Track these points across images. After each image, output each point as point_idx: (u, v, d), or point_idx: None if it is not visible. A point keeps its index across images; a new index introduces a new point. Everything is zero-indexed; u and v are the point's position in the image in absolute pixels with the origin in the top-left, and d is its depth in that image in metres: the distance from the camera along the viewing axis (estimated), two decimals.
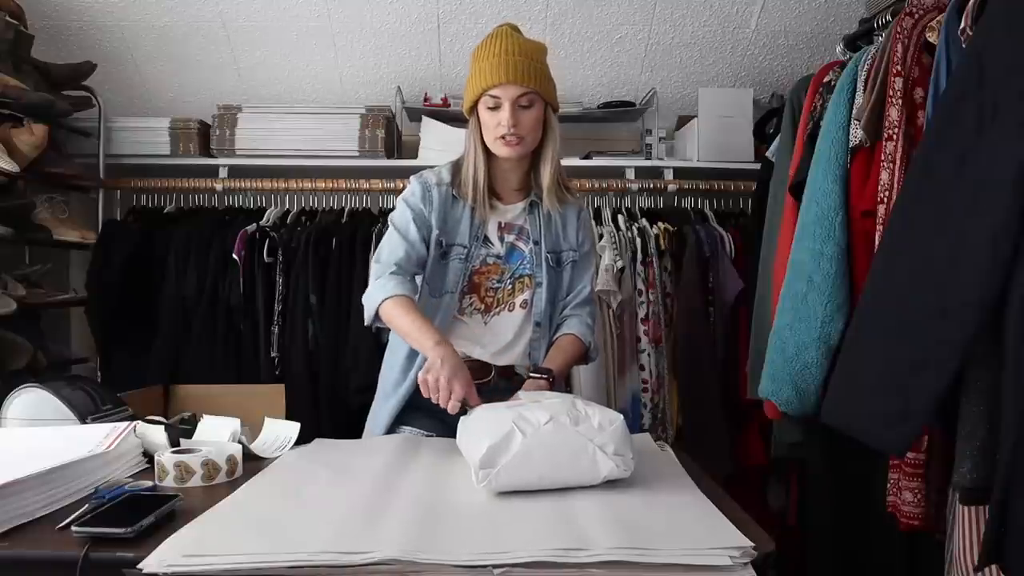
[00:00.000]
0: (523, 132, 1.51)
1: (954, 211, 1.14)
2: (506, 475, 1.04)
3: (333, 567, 0.81)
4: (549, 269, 1.59)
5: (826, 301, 1.59)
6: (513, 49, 1.50)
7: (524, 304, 1.58)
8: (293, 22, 2.71)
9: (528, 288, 1.59)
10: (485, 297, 1.58)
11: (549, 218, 1.61)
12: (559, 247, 1.62)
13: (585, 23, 2.74)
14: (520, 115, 1.50)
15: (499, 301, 1.58)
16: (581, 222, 1.66)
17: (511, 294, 1.58)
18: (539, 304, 1.58)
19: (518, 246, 1.60)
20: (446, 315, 1.54)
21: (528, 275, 1.59)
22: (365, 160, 2.69)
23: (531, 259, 1.59)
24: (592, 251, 1.72)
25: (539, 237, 1.59)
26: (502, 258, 1.58)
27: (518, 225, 1.60)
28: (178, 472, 1.14)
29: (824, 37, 2.76)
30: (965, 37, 1.31)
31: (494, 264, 1.58)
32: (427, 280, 1.56)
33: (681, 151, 2.88)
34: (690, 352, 2.43)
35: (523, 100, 1.49)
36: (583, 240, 1.66)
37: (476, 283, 1.57)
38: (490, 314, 1.58)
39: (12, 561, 0.88)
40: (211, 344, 2.46)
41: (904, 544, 1.63)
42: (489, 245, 1.58)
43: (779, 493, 2.41)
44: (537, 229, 1.60)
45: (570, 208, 1.65)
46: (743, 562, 0.83)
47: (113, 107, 2.79)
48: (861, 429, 1.26)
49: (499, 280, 1.58)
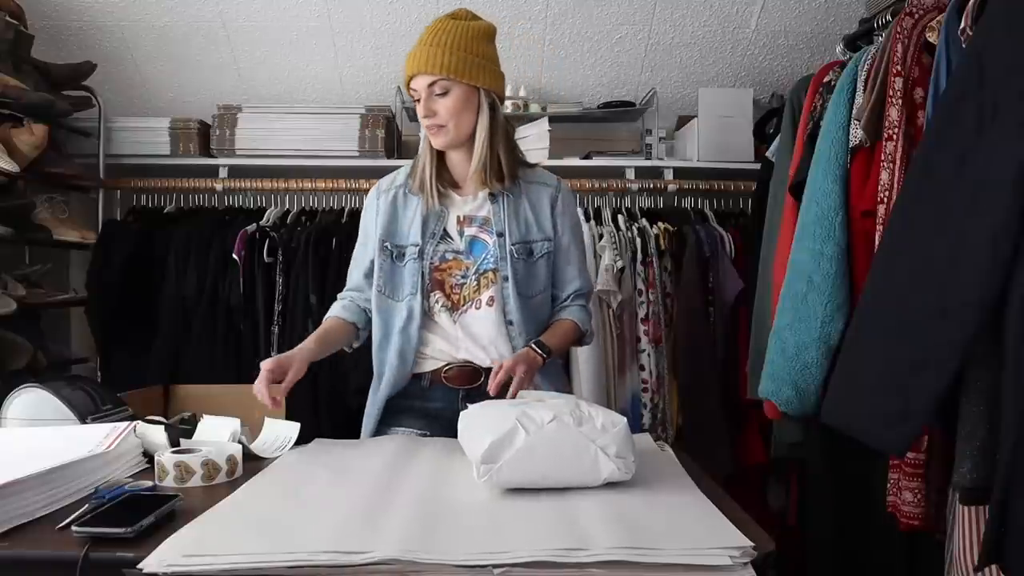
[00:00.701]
0: (441, 120, 1.48)
1: (954, 211, 1.14)
2: (508, 471, 1.04)
3: (333, 567, 0.81)
4: (516, 262, 1.51)
5: (826, 301, 1.59)
6: (430, 39, 1.47)
7: (491, 301, 1.51)
8: (293, 22, 2.71)
9: (494, 283, 1.51)
10: (451, 294, 1.53)
11: (518, 206, 1.54)
12: (530, 237, 1.54)
13: (585, 23, 2.74)
14: (435, 104, 1.47)
15: (465, 298, 1.53)
16: (558, 209, 1.57)
17: (476, 291, 1.52)
18: (508, 300, 1.51)
19: (481, 238, 1.53)
20: (411, 317, 1.51)
21: (492, 269, 1.52)
22: (365, 160, 2.69)
23: (495, 252, 1.52)
24: (576, 240, 1.61)
25: (504, 228, 1.52)
26: (463, 253, 1.53)
27: (480, 216, 1.54)
28: (178, 472, 1.14)
29: (824, 37, 2.76)
30: (965, 37, 1.31)
31: (454, 260, 1.53)
32: (384, 285, 1.54)
33: (681, 151, 2.88)
34: (690, 352, 2.43)
35: (436, 88, 1.46)
36: (562, 228, 1.58)
37: (439, 280, 1.52)
38: (458, 312, 1.52)
39: (12, 561, 0.88)
40: (211, 344, 2.46)
41: (904, 544, 1.63)
42: (448, 240, 1.53)
43: (779, 493, 2.41)
44: (502, 219, 1.52)
45: (541, 193, 1.57)
46: (743, 562, 0.82)
47: (113, 107, 2.79)
48: (861, 429, 1.26)
49: (463, 276, 1.52)
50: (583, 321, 1.60)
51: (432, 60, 1.45)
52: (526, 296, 1.53)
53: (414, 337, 1.52)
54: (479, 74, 1.48)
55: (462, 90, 1.47)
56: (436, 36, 1.47)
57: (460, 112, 1.48)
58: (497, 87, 1.52)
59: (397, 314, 1.53)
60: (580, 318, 1.59)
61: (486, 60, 1.50)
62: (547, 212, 1.56)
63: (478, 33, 1.49)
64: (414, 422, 1.54)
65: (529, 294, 1.54)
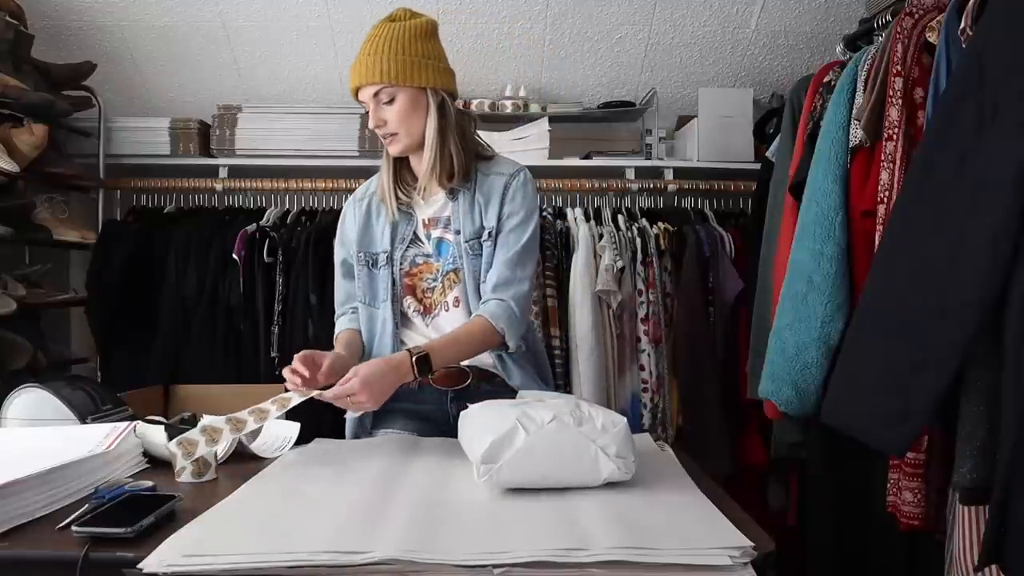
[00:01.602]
0: (392, 128, 1.46)
1: (954, 211, 1.14)
2: (508, 471, 1.04)
3: (333, 567, 0.81)
4: (472, 259, 1.48)
5: (826, 301, 1.59)
6: (369, 48, 1.44)
7: (456, 302, 1.50)
8: (293, 22, 2.71)
9: (457, 283, 1.50)
10: (423, 299, 1.53)
11: (473, 201, 1.50)
12: (479, 231, 1.49)
13: (585, 23, 2.74)
14: (383, 112, 1.45)
15: (435, 302, 1.52)
16: (507, 195, 1.49)
17: (443, 293, 1.52)
18: (472, 299, 1.48)
19: (445, 238, 1.52)
20: (384, 324, 1.52)
21: (454, 270, 1.50)
22: (365, 160, 2.69)
23: (454, 251, 1.50)
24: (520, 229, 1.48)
25: (460, 225, 1.49)
26: (432, 255, 1.52)
27: (444, 216, 1.52)
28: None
29: (824, 37, 2.76)
30: (965, 37, 1.31)
31: (424, 263, 1.52)
32: (364, 294, 1.55)
33: (681, 151, 2.88)
34: (690, 352, 2.43)
35: (383, 96, 1.45)
36: (507, 213, 1.48)
37: (410, 285, 1.53)
38: (430, 316, 1.53)
39: (12, 561, 0.88)
40: (211, 344, 2.46)
41: (904, 544, 1.63)
42: (419, 244, 1.53)
43: (779, 493, 2.41)
44: (458, 217, 1.49)
45: (495, 182, 1.51)
46: (743, 562, 0.82)
47: (113, 107, 2.79)
48: (861, 429, 1.26)
49: (434, 279, 1.52)
50: (497, 318, 1.42)
51: (372, 69, 1.43)
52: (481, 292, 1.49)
53: (390, 341, 1.52)
54: (422, 74, 1.44)
55: (408, 94, 1.44)
56: (375, 44, 1.44)
57: (409, 117, 1.45)
58: (444, 83, 1.48)
59: (377, 321, 1.54)
60: (496, 315, 1.43)
61: (428, 59, 1.46)
62: (496, 202, 1.49)
63: (417, 32, 1.46)
64: (403, 423, 1.53)
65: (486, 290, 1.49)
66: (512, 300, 1.45)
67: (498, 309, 1.43)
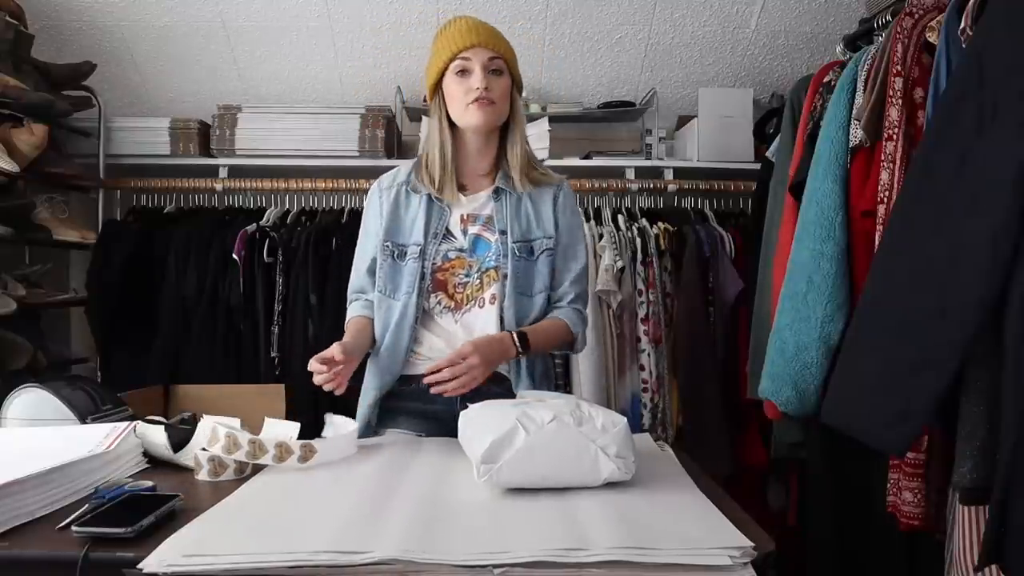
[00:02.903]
0: (494, 96, 1.47)
1: (954, 211, 1.14)
2: (508, 471, 1.04)
3: (333, 567, 0.81)
4: (517, 260, 1.50)
5: (826, 301, 1.59)
6: (477, 22, 1.51)
7: (493, 299, 1.50)
8: (293, 22, 2.71)
9: (496, 281, 1.51)
10: (454, 294, 1.52)
11: (519, 204, 1.53)
12: (530, 235, 1.53)
13: (585, 23, 2.74)
14: (491, 79, 1.47)
15: (468, 297, 1.52)
16: (559, 207, 1.56)
17: (479, 289, 1.51)
18: (508, 297, 1.49)
19: (484, 236, 1.52)
20: (404, 317, 1.50)
21: (494, 267, 1.51)
22: (365, 160, 2.69)
23: (497, 250, 1.51)
24: (577, 242, 1.59)
25: (506, 226, 1.51)
26: (466, 251, 1.52)
27: (483, 215, 1.53)
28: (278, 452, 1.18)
29: (824, 37, 2.76)
30: (965, 37, 1.31)
31: (458, 259, 1.52)
32: (385, 284, 1.53)
33: (681, 151, 2.88)
34: (690, 352, 2.43)
35: (493, 64, 1.48)
36: (563, 227, 1.56)
37: (441, 280, 1.51)
38: (460, 312, 1.52)
39: (12, 561, 0.88)
40: (211, 344, 2.46)
41: (904, 544, 1.63)
42: (451, 239, 1.53)
43: (779, 493, 2.41)
44: (504, 217, 1.52)
45: (544, 191, 1.56)
46: (743, 562, 0.83)
47: (113, 107, 2.79)
48: (861, 429, 1.26)
49: (467, 275, 1.51)
50: (575, 324, 1.55)
51: (495, 39, 1.50)
52: (525, 295, 1.52)
53: (406, 336, 1.50)
54: (518, 72, 1.54)
55: (510, 78, 1.51)
56: (482, 23, 1.51)
57: (506, 96, 1.51)
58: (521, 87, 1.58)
59: (395, 312, 1.52)
60: (573, 320, 1.55)
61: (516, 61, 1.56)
62: (549, 209, 1.55)
63: None
64: (412, 423, 1.53)
65: (528, 292, 1.53)
66: (584, 310, 1.60)
67: (575, 316, 1.56)
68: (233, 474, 1.18)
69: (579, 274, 1.58)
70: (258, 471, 1.20)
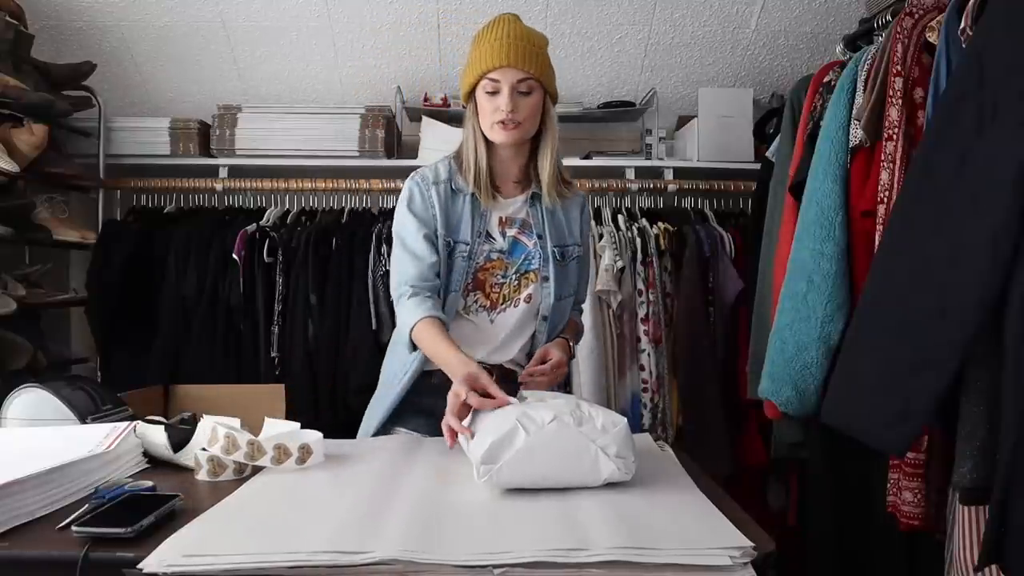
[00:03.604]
0: (520, 118, 1.47)
1: (954, 211, 1.14)
2: (508, 472, 1.05)
3: (333, 567, 0.81)
4: (556, 264, 1.56)
5: (826, 301, 1.59)
6: (514, 34, 1.47)
7: (529, 298, 1.56)
8: (293, 22, 2.71)
9: (533, 283, 1.56)
10: (491, 294, 1.55)
11: (553, 212, 1.59)
12: (565, 241, 1.59)
13: (585, 23, 2.74)
14: (518, 100, 1.46)
15: (504, 297, 1.55)
16: (585, 217, 1.66)
17: (517, 290, 1.55)
18: (547, 299, 1.55)
19: (521, 240, 1.56)
20: (450, 313, 1.51)
21: (534, 270, 1.56)
22: (365, 160, 2.69)
23: (536, 253, 1.56)
24: (589, 251, 1.73)
25: (543, 231, 1.56)
26: (505, 253, 1.55)
27: (520, 219, 1.57)
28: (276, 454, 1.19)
29: (824, 37, 2.76)
30: (965, 37, 1.31)
31: (498, 260, 1.55)
32: None
33: (681, 151, 2.88)
34: (690, 352, 2.43)
35: (522, 86, 1.46)
36: (585, 236, 1.67)
37: (481, 280, 1.54)
38: (496, 311, 1.55)
39: (12, 561, 0.88)
40: (211, 344, 2.46)
41: (904, 544, 1.63)
42: (492, 241, 1.55)
43: (779, 493, 2.41)
44: (540, 223, 1.57)
45: (573, 202, 1.64)
46: (743, 562, 0.83)
47: (113, 107, 2.79)
48: (861, 429, 1.26)
49: (504, 275, 1.55)
50: (577, 321, 1.69)
51: (525, 57, 1.46)
52: (559, 298, 1.57)
53: None
54: (553, 82, 1.55)
55: (541, 93, 1.50)
56: (518, 33, 1.48)
57: (536, 114, 1.50)
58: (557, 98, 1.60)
59: None
60: (577, 323, 1.68)
61: (553, 71, 1.56)
62: (578, 220, 1.63)
63: (545, 42, 1.55)
64: (422, 420, 1.53)
65: (563, 296, 1.59)
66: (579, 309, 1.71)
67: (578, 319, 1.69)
68: (233, 474, 1.18)
69: (586, 280, 1.70)
70: (258, 471, 1.20)
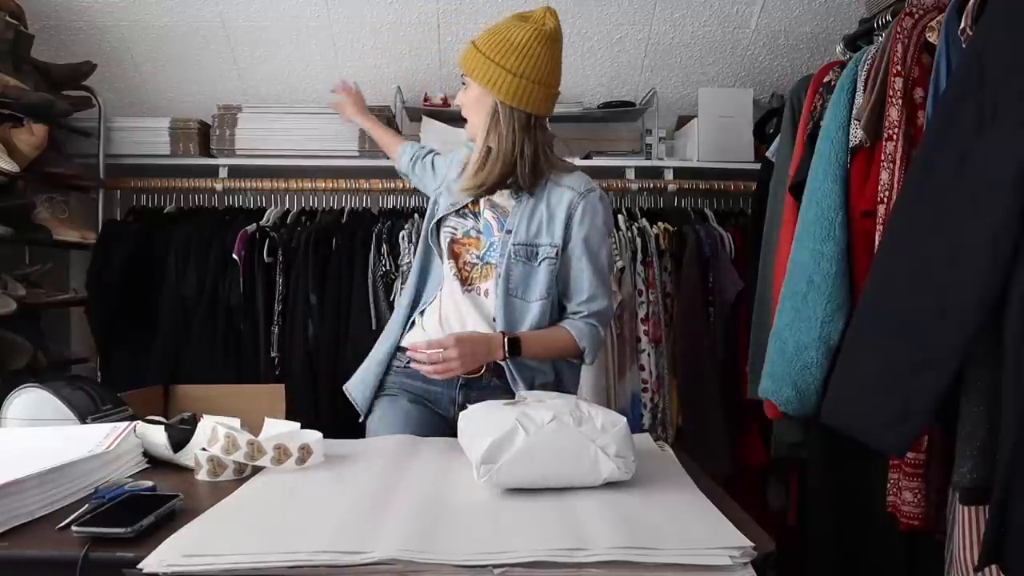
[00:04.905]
0: (464, 112, 1.60)
1: (954, 211, 1.14)
2: (507, 471, 1.05)
3: (333, 567, 0.81)
4: (514, 261, 1.52)
5: (826, 301, 1.59)
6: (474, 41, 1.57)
7: (487, 293, 1.56)
8: (293, 22, 2.71)
9: (491, 278, 1.55)
10: (462, 269, 1.59)
11: (535, 208, 1.55)
12: (536, 240, 1.53)
13: (585, 23, 2.74)
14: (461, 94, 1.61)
15: (472, 279, 1.58)
16: (575, 218, 1.53)
17: (480, 278, 1.58)
18: (499, 297, 1.52)
19: (492, 226, 1.58)
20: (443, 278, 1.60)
21: (492, 263, 1.56)
22: (365, 160, 2.68)
23: (498, 246, 1.55)
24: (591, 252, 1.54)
25: (513, 226, 1.54)
26: (482, 233, 1.58)
27: (501, 206, 1.59)
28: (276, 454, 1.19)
29: (824, 37, 2.76)
30: (965, 37, 1.31)
31: (475, 239, 1.59)
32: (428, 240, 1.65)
33: (681, 151, 2.88)
34: (690, 352, 2.43)
35: (463, 80, 1.59)
36: (576, 239, 1.53)
37: (456, 252, 1.59)
38: (466, 290, 1.58)
39: (12, 561, 0.88)
40: (211, 344, 2.46)
41: (904, 544, 1.63)
42: (475, 217, 1.60)
43: (779, 493, 2.41)
44: (516, 217, 1.55)
45: (563, 196, 1.55)
46: (743, 562, 0.83)
47: (113, 107, 2.78)
48: (861, 429, 1.26)
49: (478, 257, 1.58)
50: (583, 338, 1.53)
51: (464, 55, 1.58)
52: (517, 297, 1.53)
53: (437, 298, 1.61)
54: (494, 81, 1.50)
55: (476, 89, 1.55)
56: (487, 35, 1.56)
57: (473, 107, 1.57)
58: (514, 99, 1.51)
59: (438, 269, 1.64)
60: (581, 334, 1.53)
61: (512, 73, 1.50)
62: (561, 218, 1.53)
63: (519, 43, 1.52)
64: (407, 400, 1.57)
65: (522, 296, 1.53)
66: (597, 319, 1.56)
67: (585, 329, 1.54)
68: (232, 474, 1.18)
69: (598, 291, 1.55)
70: (258, 471, 1.20)
